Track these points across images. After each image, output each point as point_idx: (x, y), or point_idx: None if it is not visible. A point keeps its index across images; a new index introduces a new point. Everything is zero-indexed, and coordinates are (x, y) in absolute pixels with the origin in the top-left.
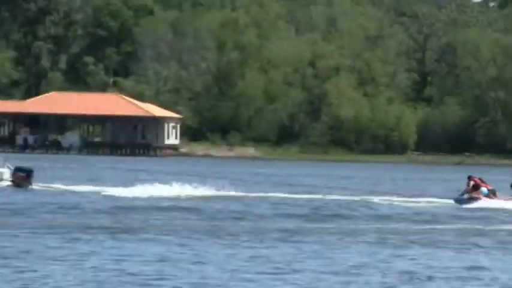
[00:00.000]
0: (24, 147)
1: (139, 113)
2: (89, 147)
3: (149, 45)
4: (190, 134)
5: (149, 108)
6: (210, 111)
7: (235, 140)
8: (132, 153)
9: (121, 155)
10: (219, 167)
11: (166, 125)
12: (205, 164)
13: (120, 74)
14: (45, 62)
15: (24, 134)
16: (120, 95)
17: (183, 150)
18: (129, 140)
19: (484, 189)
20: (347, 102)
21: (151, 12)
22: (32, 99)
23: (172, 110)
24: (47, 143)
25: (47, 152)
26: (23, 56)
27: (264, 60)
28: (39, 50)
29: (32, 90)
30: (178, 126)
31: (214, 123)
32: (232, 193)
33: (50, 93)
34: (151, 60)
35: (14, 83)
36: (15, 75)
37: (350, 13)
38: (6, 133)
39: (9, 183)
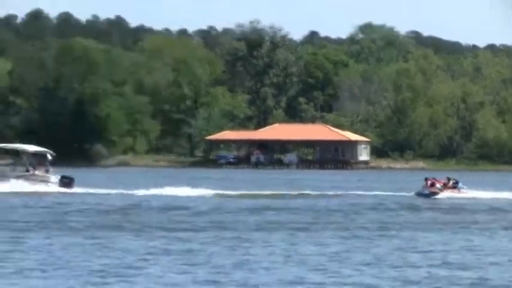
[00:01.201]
0: (257, 165)
1: (340, 138)
2: (303, 163)
3: (346, 89)
4: (377, 152)
5: (347, 135)
6: (391, 135)
7: (410, 156)
8: (335, 168)
9: (326, 169)
10: (399, 176)
11: (359, 147)
12: (389, 174)
13: (325, 110)
14: (270, 102)
15: (256, 155)
16: (325, 126)
17: (372, 164)
18: (332, 157)
19: (438, 185)
20: (490, 127)
21: (346, 65)
22: (261, 129)
23: (363, 135)
24: (272, 161)
25: (273, 168)
26: (254, 98)
27: (429, 97)
28: (265, 94)
29: (261, 123)
30: (368, 147)
31: (394, 144)
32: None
33: (274, 125)
34: (347, 100)
35: (249, 118)
36: (249, 112)
37: (490, 62)
38: (244, 154)
39: (57, 186)
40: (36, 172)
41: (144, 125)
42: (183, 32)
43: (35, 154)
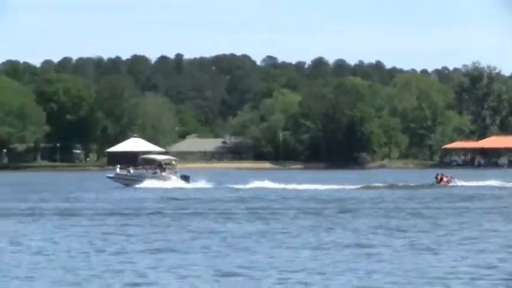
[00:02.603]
0: (478, 166)
1: None
2: None
3: None
4: None
5: None
6: None
7: None
8: None
9: None
10: None
11: None
12: None
13: None
14: (488, 121)
15: (478, 159)
16: None
17: None
18: None
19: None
20: None
21: None
22: (482, 140)
23: None
24: (490, 163)
25: (490, 168)
26: (475, 118)
27: None
28: (484, 115)
29: (481, 136)
30: None
31: None
32: None
33: (491, 137)
34: None
35: (472, 132)
36: (472, 128)
37: None
38: (469, 159)
39: (178, 182)
40: (163, 173)
41: (397, 138)
42: (424, 71)
43: (162, 162)
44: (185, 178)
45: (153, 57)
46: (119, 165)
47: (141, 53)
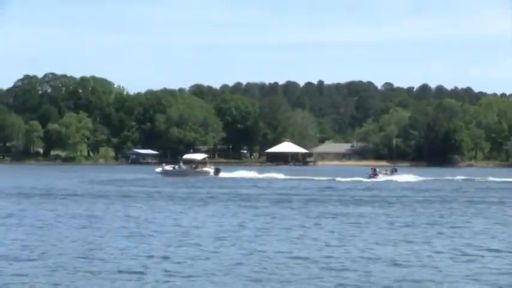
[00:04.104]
0: None
1: None
2: None
3: None
4: None
5: None
6: None
7: None
8: None
9: None
10: None
11: None
12: None
13: None
14: None
15: None
16: None
17: None
18: None
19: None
20: None
21: None
22: None
23: None
24: None
25: None
26: None
27: None
28: None
29: None
30: None
31: None
32: None
33: None
34: None
35: None
36: None
37: None
38: None
39: (213, 173)
40: (204, 168)
41: (481, 145)
42: (503, 94)
43: (201, 160)
44: (217, 170)
45: (301, 82)
46: (164, 164)
47: (293, 79)
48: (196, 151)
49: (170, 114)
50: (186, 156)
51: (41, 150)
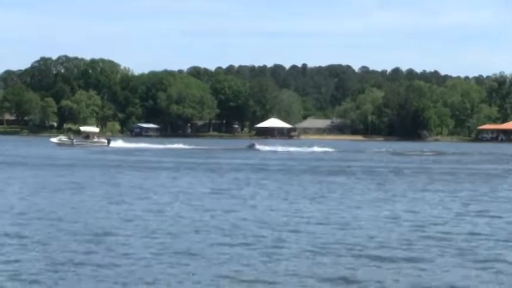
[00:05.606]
0: None
1: None
2: None
3: None
4: None
5: None
6: None
7: None
8: None
9: None
10: None
11: None
12: None
13: None
14: None
15: (500, 136)
16: None
17: None
18: None
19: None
20: None
21: None
22: None
23: None
24: None
25: None
26: None
27: None
28: None
29: None
30: None
31: None
32: None
33: None
34: None
35: None
36: None
37: None
38: None
39: (106, 144)
40: (97, 139)
41: (447, 122)
42: (466, 77)
43: (89, 132)
44: (109, 141)
45: (287, 65)
46: (61, 135)
47: (280, 63)
48: (193, 126)
49: (170, 93)
50: (83, 128)
51: (55, 124)
